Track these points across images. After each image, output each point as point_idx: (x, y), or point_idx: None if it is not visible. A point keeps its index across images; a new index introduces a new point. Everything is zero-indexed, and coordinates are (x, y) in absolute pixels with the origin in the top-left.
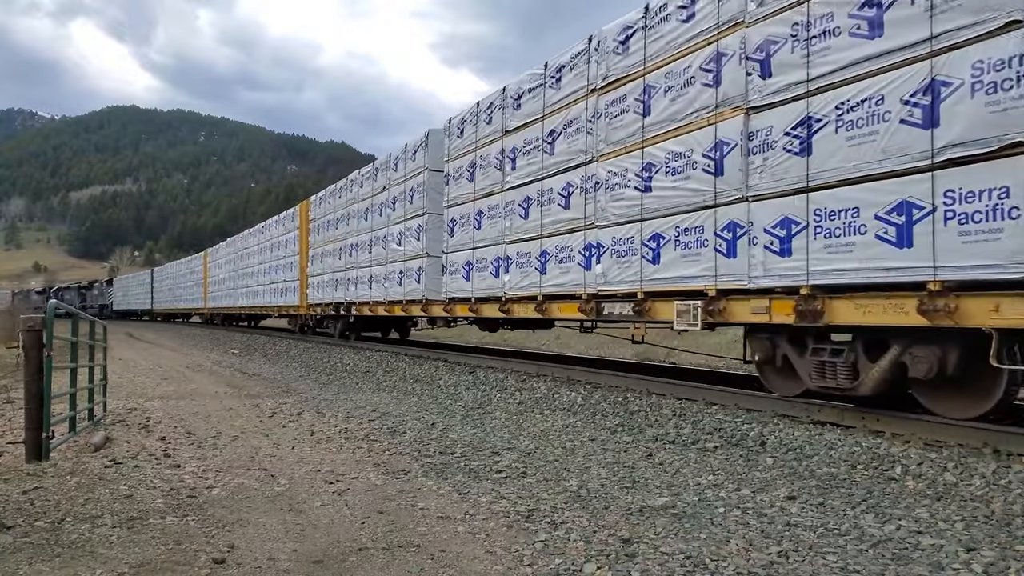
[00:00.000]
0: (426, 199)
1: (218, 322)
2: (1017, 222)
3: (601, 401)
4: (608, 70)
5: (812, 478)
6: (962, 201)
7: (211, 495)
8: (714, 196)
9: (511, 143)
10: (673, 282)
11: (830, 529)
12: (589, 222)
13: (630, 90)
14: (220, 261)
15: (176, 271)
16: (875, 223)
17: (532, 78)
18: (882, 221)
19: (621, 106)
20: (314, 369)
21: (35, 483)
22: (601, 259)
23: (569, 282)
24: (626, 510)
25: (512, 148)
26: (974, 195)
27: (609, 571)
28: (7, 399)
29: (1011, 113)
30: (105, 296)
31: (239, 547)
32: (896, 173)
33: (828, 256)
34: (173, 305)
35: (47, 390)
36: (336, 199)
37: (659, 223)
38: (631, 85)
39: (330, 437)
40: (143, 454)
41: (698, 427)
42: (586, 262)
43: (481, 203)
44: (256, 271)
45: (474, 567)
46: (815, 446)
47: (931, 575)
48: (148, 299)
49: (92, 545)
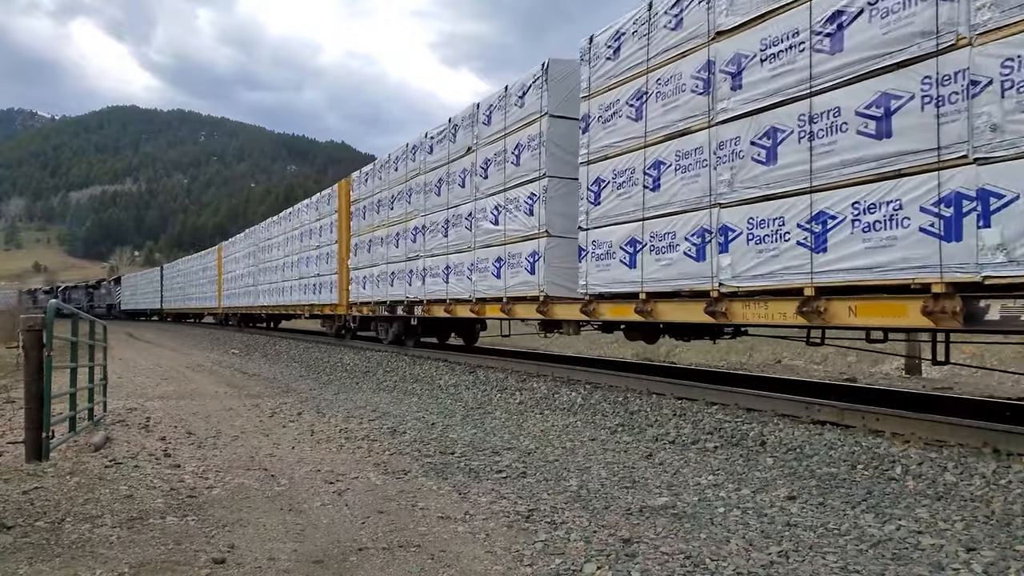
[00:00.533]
0: (544, 157)
1: (234, 323)
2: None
3: (601, 401)
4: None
5: (812, 478)
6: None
7: (211, 495)
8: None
9: (730, 49)
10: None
11: (830, 529)
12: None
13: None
14: (237, 255)
15: (187, 268)
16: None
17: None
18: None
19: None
20: (314, 369)
21: (35, 483)
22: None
23: (889, 263)
24: (626, 510)
25: (734, 56)
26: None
27: (609, 571)
28: (7, 399)
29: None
30: (113, 295)
31: (239, 547)
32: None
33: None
34: (184, 304)
35: (47, 390)
36: (390, 172)
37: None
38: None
39: (330, 437)
40: (143, 454)
41: (698, 427)
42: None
43: (663, 148)
44: (281, 265)
45: (474, 567)
46: (815, 446)
47: (931, 575)
48: (157, 298)
49: (92, 545)
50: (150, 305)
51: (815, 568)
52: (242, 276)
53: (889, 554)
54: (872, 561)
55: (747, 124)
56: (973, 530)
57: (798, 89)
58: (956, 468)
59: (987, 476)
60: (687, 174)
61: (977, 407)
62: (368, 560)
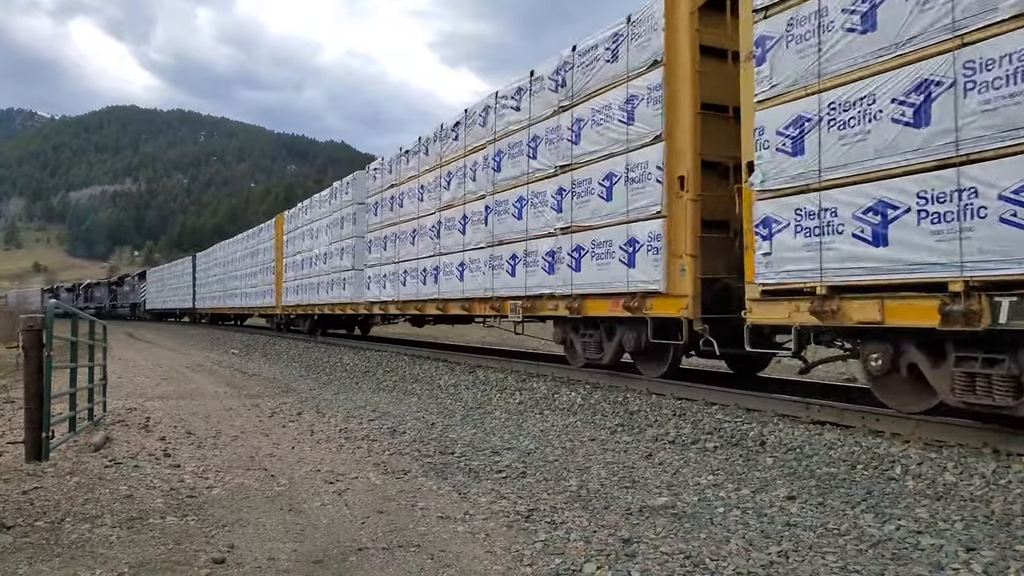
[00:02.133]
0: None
1: (305, 329)
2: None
3: (601, 401)
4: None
5: (812, 478)
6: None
7: (211, 495)
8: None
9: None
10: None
11: (830, 529)
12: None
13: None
14: (296, 234)
15: (227, 254)
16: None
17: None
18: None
19: None
20: (314, 369)
21: (35, 483)
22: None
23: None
24: (626, 510)
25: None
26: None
27: (609, 571)
28: (7, 399)
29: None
30: (137, 293)
31: (239, 547)
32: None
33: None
34: (225, 303)
35: (47, 390)
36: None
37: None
38: None
39: (330, 437)
40: (143, 454)
41: (698, 427)
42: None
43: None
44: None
45: (474, 567)
46: (815, 446)
47: (931, 575)
48: (189, 295)
49: (92, 545)
50: (180, 303)
51: (815, 568)
52: (310, 260)
53: (889, 554)
54: (872, 561)
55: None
56: (973, 530)
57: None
58: (956, 468)
59: (987, 476)
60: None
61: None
62: (368, 560)
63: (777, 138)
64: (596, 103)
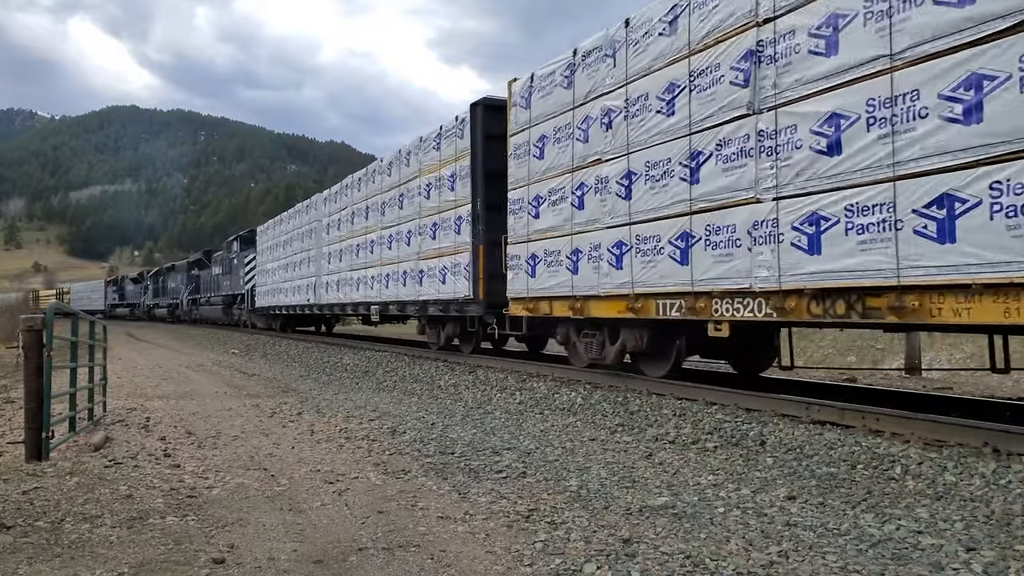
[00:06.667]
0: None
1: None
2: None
3: (601, 401)
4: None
5: (812, 478)
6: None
7: (211, 495)
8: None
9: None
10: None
11: (830, 529)
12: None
13: None
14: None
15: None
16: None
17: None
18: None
19: None
20: (314, 369)
21: (35, 483)
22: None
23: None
24: (626, 510)
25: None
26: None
27: (609, 571)
28: (7, 399)
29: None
30: (237, 276)
31: (239, 547)
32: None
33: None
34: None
35: (47, 390)
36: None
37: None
38: None
39: (330, 437)
40: (143, 454)
41: (698, 427)
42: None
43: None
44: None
45: (474, 567)
46: (815, 446)
47: (931, 575)
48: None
49: (92, 545)
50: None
51: (815, 568)
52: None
53: (889, 554)
54: (872, 561)
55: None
56: (973, 530)
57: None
58: (956, 468)
59: (987, 476)
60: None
61: (977, 407)
62: (368, 560)
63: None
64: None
